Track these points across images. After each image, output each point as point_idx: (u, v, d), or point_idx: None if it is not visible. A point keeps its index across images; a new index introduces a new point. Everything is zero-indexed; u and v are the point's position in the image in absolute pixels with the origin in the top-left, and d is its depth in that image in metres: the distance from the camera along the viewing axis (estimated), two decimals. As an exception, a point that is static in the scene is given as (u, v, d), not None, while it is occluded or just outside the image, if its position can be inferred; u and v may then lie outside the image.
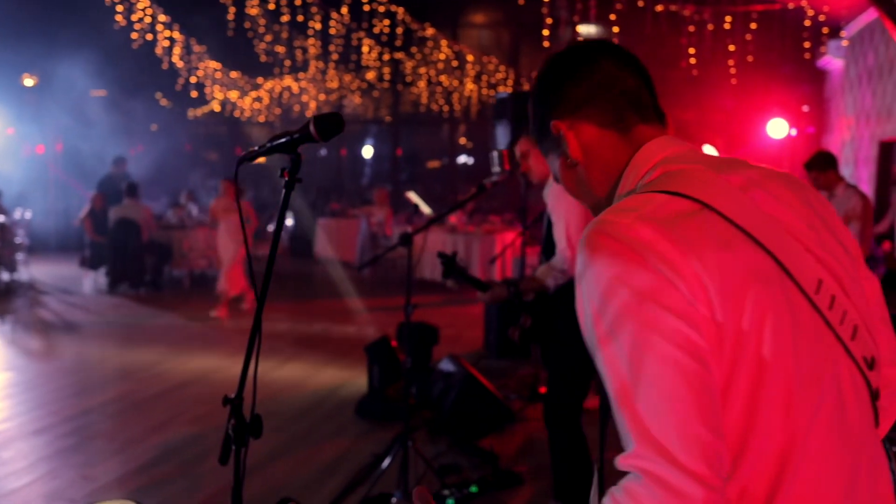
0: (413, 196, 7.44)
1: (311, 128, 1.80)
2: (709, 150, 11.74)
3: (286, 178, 1.84)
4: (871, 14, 10.15)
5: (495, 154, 4.38)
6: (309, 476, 4.76)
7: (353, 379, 6.78)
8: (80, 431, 5.54)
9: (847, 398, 1.19)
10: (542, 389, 6.43)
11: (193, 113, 17.80)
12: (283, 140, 1.85)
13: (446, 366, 5.93)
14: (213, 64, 15.73)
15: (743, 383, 1.13)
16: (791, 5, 11.84)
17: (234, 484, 2.11)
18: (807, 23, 11.91)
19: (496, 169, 4.36)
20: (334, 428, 5.68)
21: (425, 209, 8.84)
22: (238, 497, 2.13)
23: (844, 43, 12.54)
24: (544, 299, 3.86)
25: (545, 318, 3.86)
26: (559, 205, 3.84)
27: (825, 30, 12.29)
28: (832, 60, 13.33)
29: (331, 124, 1.81)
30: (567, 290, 3.75)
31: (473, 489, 4.49)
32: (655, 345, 1.08)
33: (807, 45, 12.47)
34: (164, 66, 14.76)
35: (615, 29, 11.88)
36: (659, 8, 11.79)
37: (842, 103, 13.30)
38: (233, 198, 9.58)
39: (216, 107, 17.13)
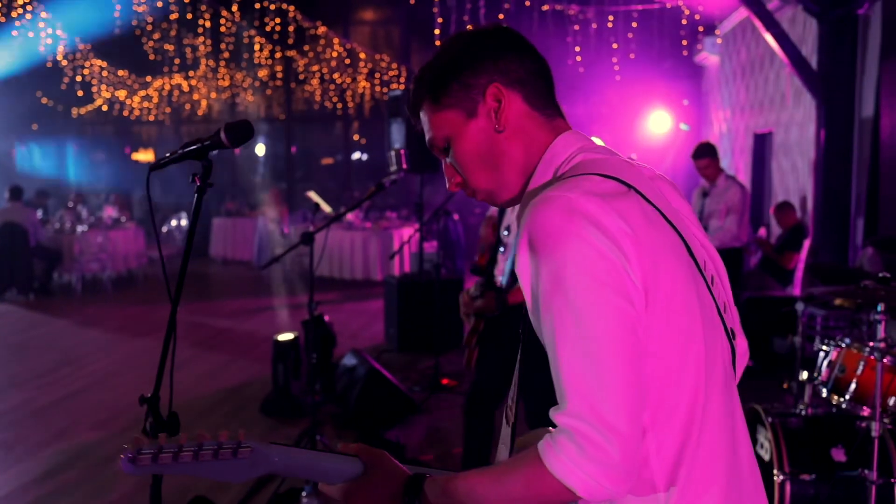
0: (313, 195, 7.48)
1: (222, 135, 1.89)
2: (596, 141, 12.18)
3: (198, 184, 1.92)
4: (743, 12, 10.69)
5: (392, 153, 4.46)
6: (217, 475, 4.79)
7: (256, 377, 6.81)
8: (-23, 442, 5.42)
9: (726, 365, 1.36)
10: (444, 381, 6.62)
11: (78, 112, 17.27)
12: (194, 147, 1.92)
13: (349, 361, 6.04)
14: (99, 62, 15.31)
15: (664, 346, 1.25)
16: (669, 4, 12.40)
17: (153, 482, 2.17)
18: (684, 21, 12.51)
19: (393, 167, 4.44)
20: (240, 426, 5.68)
21: (326, 208, 8.91)
22: (157, 494, 2.19)
23: (719, 41, 13.18)
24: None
25: (498, 326, 3.94)
26: None
27: (701, 28, 12.93)
28: (708, 56, 13.98)
29: (241, 131, 1.90)
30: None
31: (380, 479, 4.60)
32: (597, 313, 1.18)
33: (684, 42, 13.09)
34: (48, 64, 14.30)
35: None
36: (545, 7, 12.15)
37: (718, 97, 13.96)
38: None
39: (103, 105, 16.67)
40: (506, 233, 4.04)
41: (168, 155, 1.96)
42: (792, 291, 7.59)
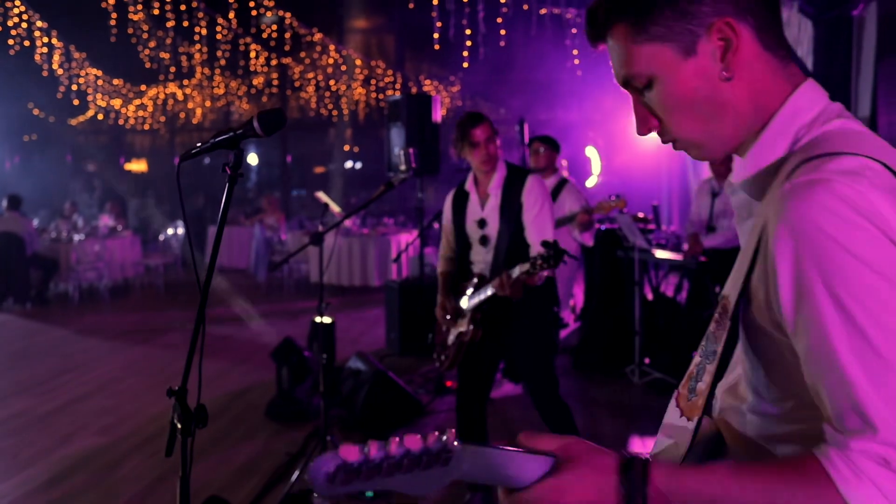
0: (322, 196, 7.47)
1: (255, 123, 1.89)
2: (591, 152, 12.20)
3: (229, 173, 1.92)
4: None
5: (401, 153, 4.49)
6: (226, 477, 4.77)
7: (260, 382, 6.80)
8: (-18, 449, 5.38)
9: None
10: (449, 383, 6.61)
11: (75, 122, 17.24)
12: (226, 136, 1.93)
13: (355, 364, 6.03)
14: (95, 71, 15.29)
15: None
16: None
17: (182, 474, 2.16)
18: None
19: (403, 167, 4.46)
20: (246, 430, 5.69)
21: (335, 208, 8.90)
22: (185, 487, 2.18)
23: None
24: (496, 306, 3.93)
25: (501, 322, 3.98)
26: (544, 197, 3.93)
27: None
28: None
29: (273, 119, 1.91)
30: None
31: (391, 480, 4.60)
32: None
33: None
34: (44, 73, 14.27)
35: (502, 31, 12.22)
36: (543, 11, 12.20)
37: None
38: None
39: (98, 115, 16.65)
40: (480, 226, 4.07)
41: (199, 144, 1.96)
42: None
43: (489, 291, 3.82)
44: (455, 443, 1.06)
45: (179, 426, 2.13)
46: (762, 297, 1.12)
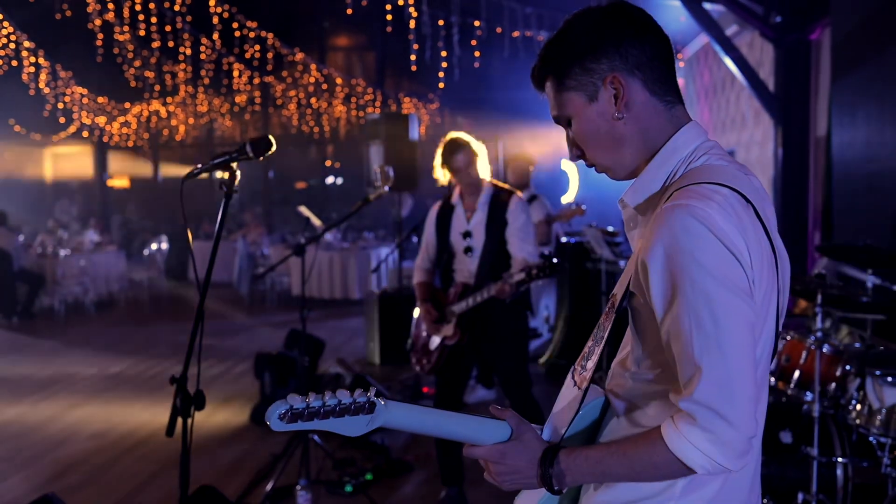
0: (304, 210, 7.77)
1: (247, 147, 2.24)
2: (569, 167, 12.54)
3: (225, 191, 2.26)
4: (705, 38, 11.17)
5: (378, 170, 4.81)
6: (213, 476, 5.04)
7: (244, 391, 7.06)
8: (-21, 452, 5.64)
9: (768, 364, 1.57)
10: (426, 389, 6.92)
11: (57, 138, 17.45)
12: (222, 159, 2.27)
13: (335, 369, 6.34)
14: (80, 89, 15.53)
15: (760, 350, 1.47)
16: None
17: (182, 453, 2.46)
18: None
19: (378, 183, 4.78)
20: (231, 434, 5.97)
21: (316, 221, 9.21)
22: (185, 465, 2.47)
23: (681, 64, 13.67)
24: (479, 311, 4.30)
25: (481, 328, 4.36)
26: (526, 215, 4.41)
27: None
28: (673, 79, 14.44)
29: (263, 145, 2.26)
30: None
31: (369, 476, 4.94)
32: (733, 319, 1.34)
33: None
34: (31, 92, 14.49)
35: (476, 53, 12.61)
36: (515, 34, 12.57)
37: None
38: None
39: (83, 132, 16.86)
40: (465, 237, 4.43)
41: (199, 166, 2.30)
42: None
43: (486, 294, 4.18)
44: (378, 397, 1.47)
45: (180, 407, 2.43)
46: (642, 291, 1.47)
